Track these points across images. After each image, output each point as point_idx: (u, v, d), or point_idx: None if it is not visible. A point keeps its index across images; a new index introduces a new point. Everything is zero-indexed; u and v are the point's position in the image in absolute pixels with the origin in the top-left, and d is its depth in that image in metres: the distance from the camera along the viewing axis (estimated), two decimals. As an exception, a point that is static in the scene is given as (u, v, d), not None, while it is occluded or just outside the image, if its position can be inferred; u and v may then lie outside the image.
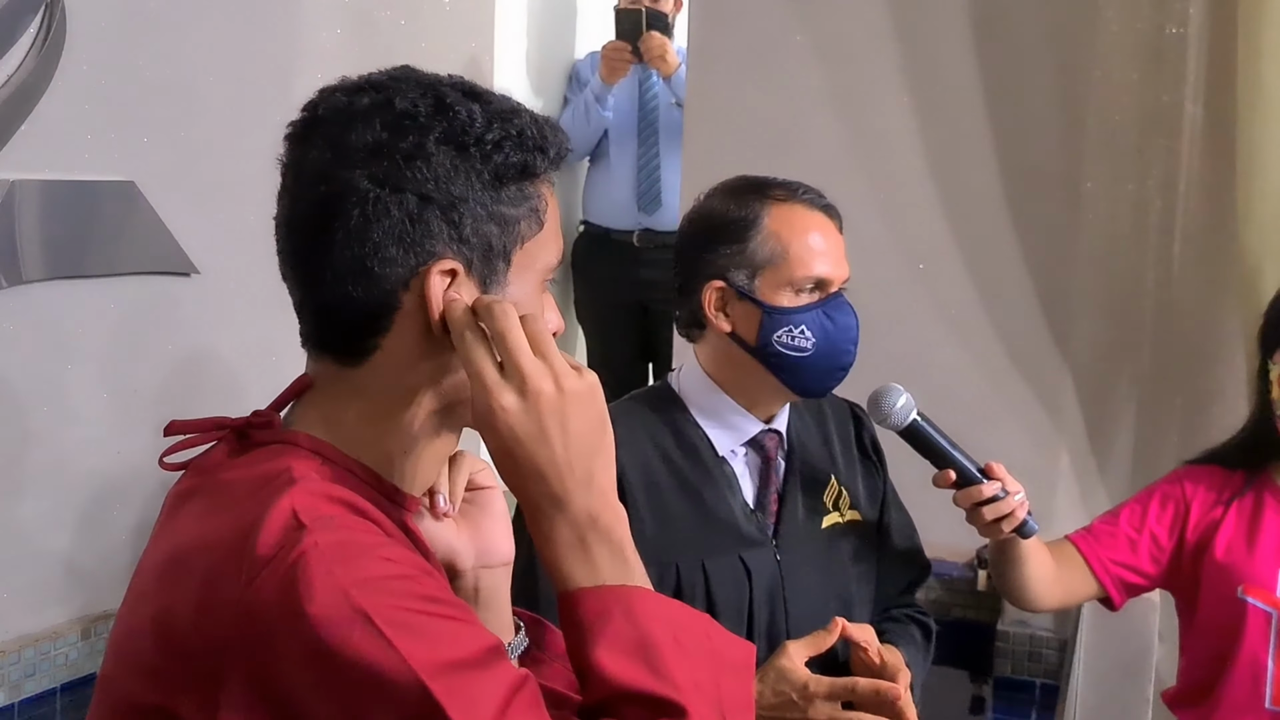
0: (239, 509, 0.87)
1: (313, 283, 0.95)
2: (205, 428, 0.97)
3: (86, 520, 2.35)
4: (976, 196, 2.61)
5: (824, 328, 1.49)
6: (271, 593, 0.80)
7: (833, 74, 2.72)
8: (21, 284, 2.17)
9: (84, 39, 2.25)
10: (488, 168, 0.92)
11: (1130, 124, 2.50)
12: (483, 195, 0.92)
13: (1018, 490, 1.59)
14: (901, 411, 1.55)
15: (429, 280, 0.91)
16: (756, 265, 1.50)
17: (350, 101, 0.94)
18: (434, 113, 0.92)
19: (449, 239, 0.91)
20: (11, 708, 2.19)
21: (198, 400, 2.54)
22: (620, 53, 3.67)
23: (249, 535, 0.84)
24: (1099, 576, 1.82)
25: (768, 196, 1.54)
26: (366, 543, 0.84)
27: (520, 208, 0.94)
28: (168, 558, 0.90)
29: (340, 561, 0.81)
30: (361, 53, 2.90)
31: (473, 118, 0.92)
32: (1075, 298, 2.56)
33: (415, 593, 0.82)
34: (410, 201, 0.90)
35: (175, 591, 0.86)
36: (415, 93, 0.93)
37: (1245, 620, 1.73)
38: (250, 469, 0.91)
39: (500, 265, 0.94)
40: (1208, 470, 1.87)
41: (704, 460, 1.55)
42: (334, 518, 0.85)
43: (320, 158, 0.93)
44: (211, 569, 0.84)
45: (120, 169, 2.35)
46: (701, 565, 1.50)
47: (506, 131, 0.93)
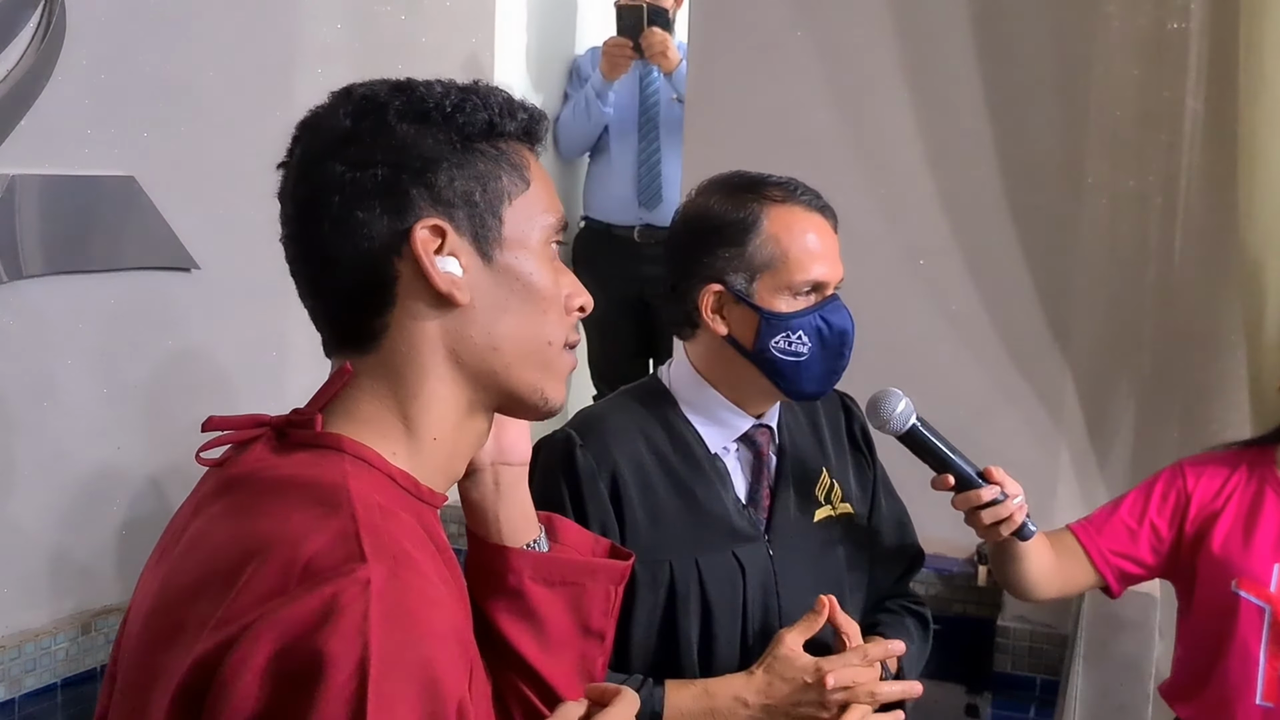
0: (296, 513, 0.86)
1: (316, 280, 0.96)
2: (244, 424, 0.96)
3: (86, 515, 2.36)
4: (977, 192, 2.61)
5: (820, 333, 1.48)
6: (307, 611, 0.78)
7: (833, 70, 2.72)
8: (21, 278, 2.18)
9: (84, 34, 2.25)
10: (452, 128, 0.94)
11: (1131, 119, 2.49)
12: (452, 155, 0.94)
13: (1017, 494, 1.58)
14: (901, 417, 1.54)
15: (414, 238, 0.91)
16: (755, 269, 1.48)
17: (323, 107, 0.97)
18: (392, 91, 0.95)
19: (428, 200, 0.92)
20: (12, 702, 2.20)
21: (196, 396, 2.54)
22: (621, 48, 3.66)
23: (303, 542, 0.83)
24: (1098, 566, 1.82)
25: (765, 197, 1.51)
26: (415, 613, 0.81)
27: (497, 164, 0.95)
28: (217, 551, 0.87)
29: (383, 620, 0.78)
30: (362, 48, 2.91)
31: (430, 89, 0.95)
32: (1076, 293, 2.56)
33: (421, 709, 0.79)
34: (382, 172, 0.92)
35: (218, 581, 0.84)
36: (378, 83, 0.96)
37: (1238, 614, 1.73)
38: (301, 470, 0.90)
39: (491, 221, 0.95)
40: (1211, 461, 1.87)
41: (696, 457, 1.54)
42: (394, 558, 0.83)
43: (300, 161, 0.96)
44: (262, 564, 0.82)
45: (120, 164, 2.35)
46: (695, 562, 1.49)
47: (465, 96, 0.95)
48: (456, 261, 0.93)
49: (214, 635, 0.80)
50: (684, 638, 1.49)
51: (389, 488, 0.92)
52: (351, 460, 0.91)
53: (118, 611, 2.38)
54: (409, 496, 0.93)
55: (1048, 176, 2.56)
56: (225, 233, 2.53)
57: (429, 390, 0.94)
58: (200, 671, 0.80)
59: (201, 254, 2.51)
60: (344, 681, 0.76)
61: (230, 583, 0.83)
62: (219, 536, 0.88)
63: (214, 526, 0.90)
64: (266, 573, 0.82)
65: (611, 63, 3.69)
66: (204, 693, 0.79)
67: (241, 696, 0.77)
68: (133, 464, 2.43)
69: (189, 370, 2.53)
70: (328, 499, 0.86)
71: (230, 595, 0.82)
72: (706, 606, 1.50)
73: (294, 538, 0.83)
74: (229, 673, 0.78)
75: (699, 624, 1.50)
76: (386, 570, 0.81)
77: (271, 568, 0.82)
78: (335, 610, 0.78)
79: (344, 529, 0.83)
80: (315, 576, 0.80)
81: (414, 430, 0.95)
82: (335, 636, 0.77)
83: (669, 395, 1.57)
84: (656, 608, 1.49)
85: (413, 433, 0.95)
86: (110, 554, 2.41)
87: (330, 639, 0.77)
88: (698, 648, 1.50)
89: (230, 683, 0.77)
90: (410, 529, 0.89)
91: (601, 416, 1.56)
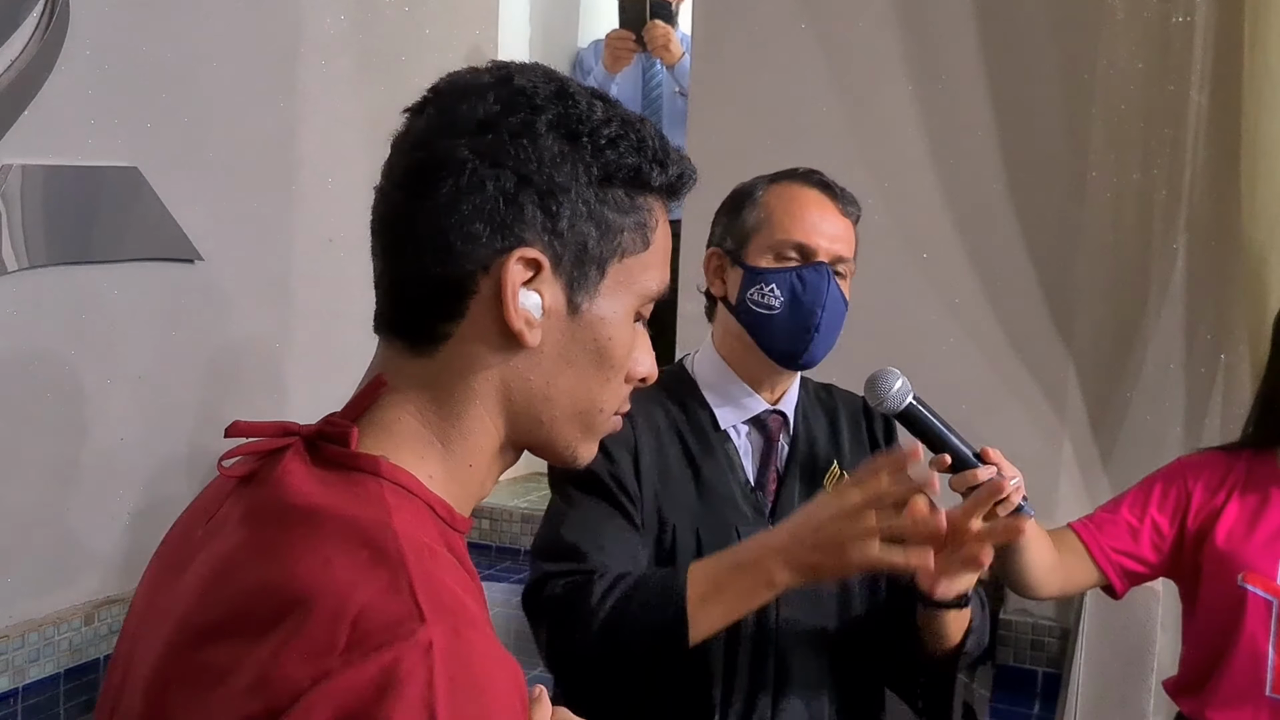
0: (338, 556, 0.78)
1: (393, 252, 0.88)
2: (270, 432, 0.88)
3: (90, 506, 2.36)
4: (980, 185, 2.61)
5: (793, 288, 1.53)
6: (365, 681, 0.71)
7: (837, 62, 2.72)
8: (25, 269, 2.18)
9: (87, 24, 2.24)
10: (597, 162, 0.86)
11: (1135, 114, 2.49)
12: (586, 190, 0.86)
13: (1014, 475, 1.58)
14: (898, 395, 1.55)
15: (508, 266, 0.84)
16: (746, 232, 1.58)
17: (473, 77, 0.89)
18: (553, 96, 0.87)
19: (541, 228, 0.85)
20: (15, 692, 2.20)
21: (199, 387, 2.54)
22: (624, 41, 3.66)
23: (351, 594, 0.75)
24: (1100, 564, 1.82)
25: (778, 178, 1.61)
26: (481, 677, 0.75)
27: (626, 217, 0.88)
28: (249, 592, 0.79)
29: (449, 688, 0.72)
30: (365, 40, 2.90)
31: (592, 109, 0.87)
32: (1079, 287, 2.56)
33: None
34: (507, 179, 0.84)
35: (252, 626, 0.77)
36: (540, 77, 0.88)
37: (1245, 608, 1.73)
38: (338, 500, 0.82)
39: (593, 272, 0.87)
40: (1210, 458, 1.87)
41: (707, 435, 1.58)
42: (454, 614, 0.76)
43: (427, 126, 0.87)
44: (306, 618, 0.75)
45: (124, 154, 2.35)
46: (696, 533, 1.52)
47: (625, 132, 0.88)
48: (540, 300, 0.86)
49: (257, 698, 0.73)
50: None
51: (427, 518, 0.85)
52: (390, 487, 0.84)
53: (121, 602, 2.39)
54: (444, 525, 0.87)
55: (1051, 170, 2.56)
56: (229, 224, 2.53)
57: (472, 416, 0.88)
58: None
59: (205, 245, 2.51)
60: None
61: (265, 632, 0.75)
62: (250, 575, 0.80)
63: (244, 560, 0.82)
64: (312, 628, 0.74)
65: (614, 55, 3.68)
66: None
67: None
68: (136, 455, 2.43)
69: (192, 361, 2.53)
70: (372, 541, 0.79)
71: (268, 648, 0.75)
72: None
73: (340, 587, 0.75)
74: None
75: None
76: (448, 630, 0.74)
77: (317, 622, 0.74)
78: (397, 680, 0.71)
79: (394, 580, 0.76)
80: (370, 638, 0.72)
81: (451, 454, 0.88)
82: (400, 710, 0.70)
83: (689, 377, 1.64)
84: (655, 560, 1.51)
85: (450, 456, 0.88)
86: (114, 545, 2.41)
87: (394, 712, 0.70)
88: None
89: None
90: (451, 567, 0.82)
91: None
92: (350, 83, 2.78)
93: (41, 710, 2.25)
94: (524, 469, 3.86)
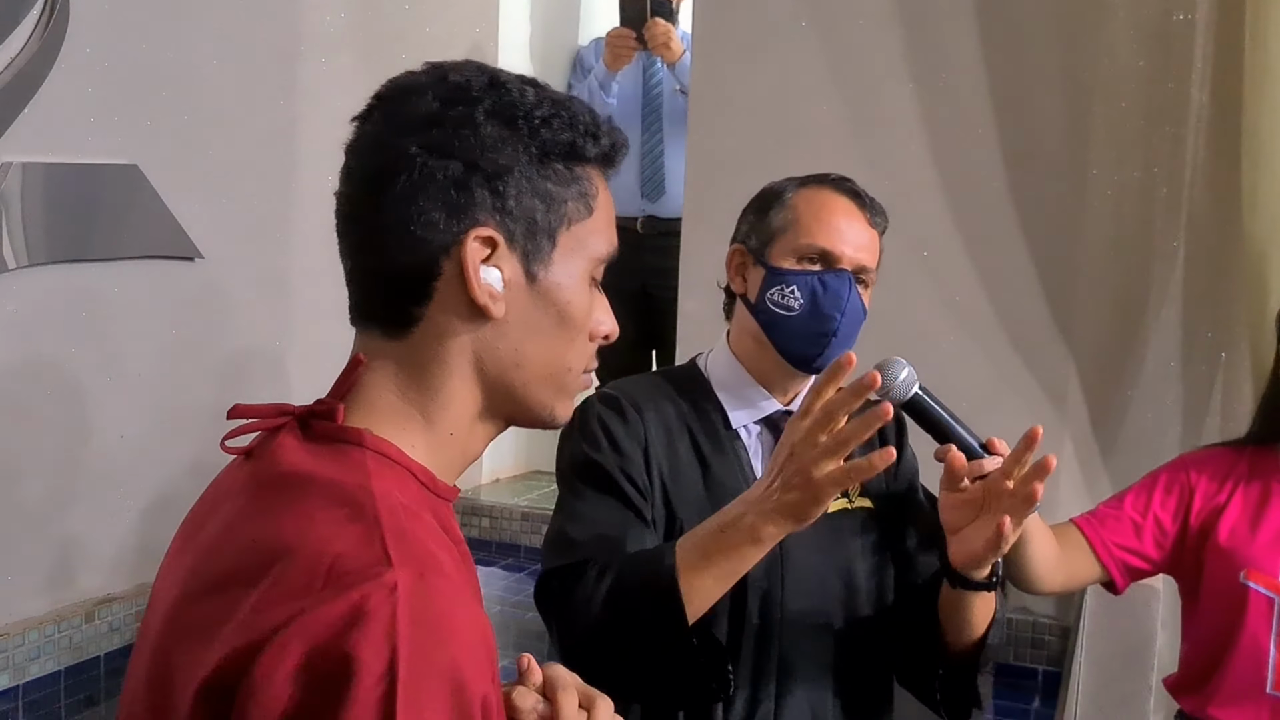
0: (320, 512, 0.87)
1: (360, 249, 0.97)
2: (268, 413, 0.97)
3: (90, 504, 2.36)
4: (981, 183, 2.61)
5: (814, 291, 1.52)
6: (335, 615, 0.79)
7: (837, 60, 2.72)
8: (25, 267, 2.18)
9: (87, 22, 2.24)
10: (534, 142, 0.94)
11: (1136, 111, 2.49)
12: (528, 168, 0.94)
13: None
14: (904, 385, 1.54)
15: (466, 246, 0.92)
16: (771, 233, 1.57)
17: (411, 80, 0.97)
18: (487, 87, 0.94)
19: (492, 208, 0.93)
20: (16, 689, 2.20)
21: (199, 384, 2.54)
22: (625, 39, 3.66)
23: (329, 545, 0.84)
24: (1102, 560, 1.82)
25: (808, 182, 1.60)
26: (442, 616, 0.83)
27: (567, 188, 0.96)
28: (242, 549, 0.88)
29: (410, 624, 0.80)
30: (365, 37, 2.90)
31: (524, 95, 0.95)
32: (1080, 285, 2.55)
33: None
34: (455, 168, 0.92)
35: (243, 578, 0.85)
36: (473, 71, 0.96)
37: (1247, 605, 1.73)
38: (325, 466, 0.91)
39: (545, 243, 0.95)
40: (1213, 454, 1.87)
41: (717, 432, 1.58)
42: (420, 562, 0.84)
43: (376, 130, 0.96)
44: (288, 566, 0.83)
45: (124, 152, 2.35)
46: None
47: (556, 111, 0.95)
48: (499, 274, 0.94)
49: (242, 635, 0.81)
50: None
51: (409, 483, 0.93)
52: (373, 455, 0.92)
53: (121, 600, 2.39)
54: (426, 491, 0.94)
55: (1052, 167, 2.56)
56: (228, 221, 2.53)
57: (450, 389, 0.96)
58: (228, 670, 0.81)
59: (205, 243, 2.51)
60: (373, 684, 0.78)
61: (254, 582, 0.84)
62: (244, 534, 0.89)
63: (239, 522, 0.91)
64: (292, 574, 0.83)
65: (615, 54, 3.68)
66: (232, 690, 0.80)
67: (273, 697, 0.79)
68: (136, 452, 2.43)
69: (192, 359, 2.53)
70: (351, 500, 0.87)
71: (254, 594, 0.83)
72: None
73: (319, 540, 0.84)
74: (259, 674, 0.79)
75: None
76: (413, 575, 0.82)
77: (297, 569, 0.83)
78: (364, 614, 0.79)
79: (368, 532, 0.84)
80: (342, 580, 0.81)
81: (432, 425, 0.96)
82: (364, 641, 0.78)
83: (702, 376, 1.63)
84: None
85: (431, 427, 0.96)
86: (114, 543, 2.41)
87: (360, 643, 0.78)
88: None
89: (261, 684, 0.79)
90: (430, 527, 0.90)
91: (635, 382, 1.64)
92: (350, 80, 2.78)
93: (42, 707, 2.25)
94: (524, 467, 3.86)
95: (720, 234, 1.72)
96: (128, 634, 2.39)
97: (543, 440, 3.91)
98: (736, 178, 1.71)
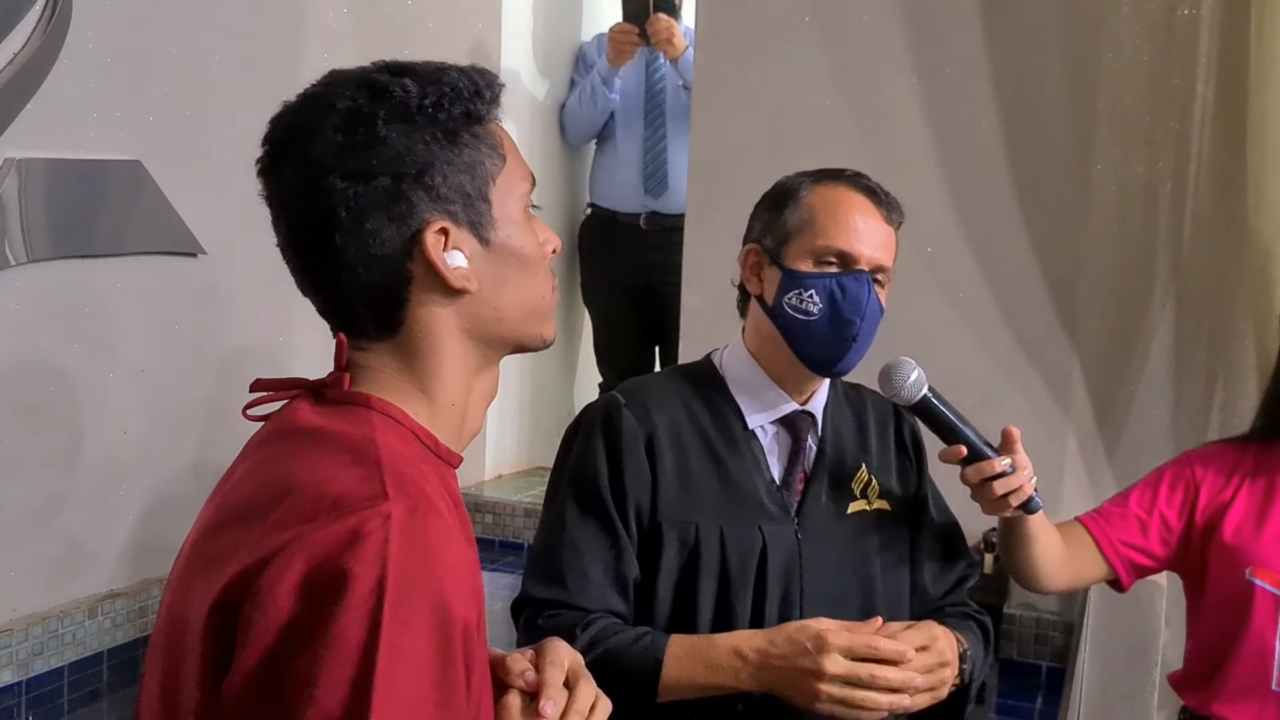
0: (326, 457, 0.95)
1: (330, 285, 1.02)
2: (284, 385, 1.06)
3: (94, 499, 2.36)
4: (985, 179, 2.60)
5: (833, 295, 1.51)
6: (335, 536, 0.88)
7: (841, 56, 2.71)
8: (28, 263, 2.17)
9: (89, 17, 2.24)
10: (438, 128, 1.00)
11: (1141, 106, 2.48)
12: (443, 153, 1.00)
13: (1025, 465, 1.58)
14: (913, 386, 1.54)
15: (425, 244, 0.99)
16: (787, 232, 1.55)
17: (299, 120, 1.02)
18: (373, 100, 1.00)
19: (430, 202, 0.99)
20: (20, 685, 2.20)
21: (202, 380, 2.54)
22: (627, 35, 3.65)
23: (333, 482, 0.92)
24: (1108, 557, 1.82)
25: (822, 177, 1.59)
26: (430, 544, 0.91)
27: (479, 150, 1.02)
28: (256, 490, 0.97)
29: (401, 547, 0.88)
30: (368, 33, 2.90)
31: (407, 91, 1.00)
32: (1084, 281, 2.55)
33: (429, 667, 0.88)
34: (384, 183, 0.98)
35: (254, 514, 0.94)
36: (350, 89, 1.01)
37: (1253, 602, 1.73)
38: (334, 421, 0.99)
39: (483, 207, 1.02)
40: (1218, 451, 1.86)
41: (733, 432, 1.57)
42: (414, 498, 0.92)
43: (295, 179, 1.01)
44: (295, 499, 0.92)
45: (126, 148, 2.35)
46: (720, 530, 1.52)
47: (441, 91, 1.01)
48: (461, 254, 1.01)
49: (250, 555, 0.90)
50: (700, 603, 1.51)
51: (412, 442, 1.01)
52: (379, 416, 1.00)
53: (125, 596, 2.39)
54: (429, 453, 1.02)
55: (1057, 164, 2.55)
56: (231, 217, 2.53)
57: (447, 365, 1.03)
58: (237, 586, 0.90)
59: (207, 239, 2.51)
60: (364, 596, 0.86)
61: (265, 515, 0.93)
62: (259, 478, 0.99)
63: (255, 469, 1.01)
64: (297, 504, 0.92)
65: (617, 49, 3.67)
66: (238, 605, 0.89)
67: (276, 607, 0.87)
68: (139, 448, 2.43)
69: (195, 355, 2.53)
70: (356, 448, 0.96)
71: (264, 524, 0.92)
72: (725, 575, 1.52)
73: (323, 478, 0.93)
74: (264, 586, 0.88)
75: (715, 591, 1.52)
76: (407, 508, 0.91)
77: (302, 500, 0.92)
78: (360, 536, 0.88)
79: (369, 473, 0.93)
80: (342, 508, 0.90)
81: (433, 398, 1.04)
82: (359, 558, 0.87)
83: (717, 374, 1.62)
84: (677, 568, 1.51)
85: (432, 400, 1.04)
86: (117, 538, 2.41)
87: (354, 560, 0.87)
88: (713, 616, 1.51)
89: (265, 594, 0.87)
90: (429, 479, 0.98)
91: (647, 384, 1.63)
92: (353, 76, 2.77)
93: (45, 703, 2.25)
94: (526, 463, 3.86)
95: (723, 230, 1.71)
96: (131, 630, 2.39)
97: (546, 436, 3.90)
98: (740, 173, 1.71)
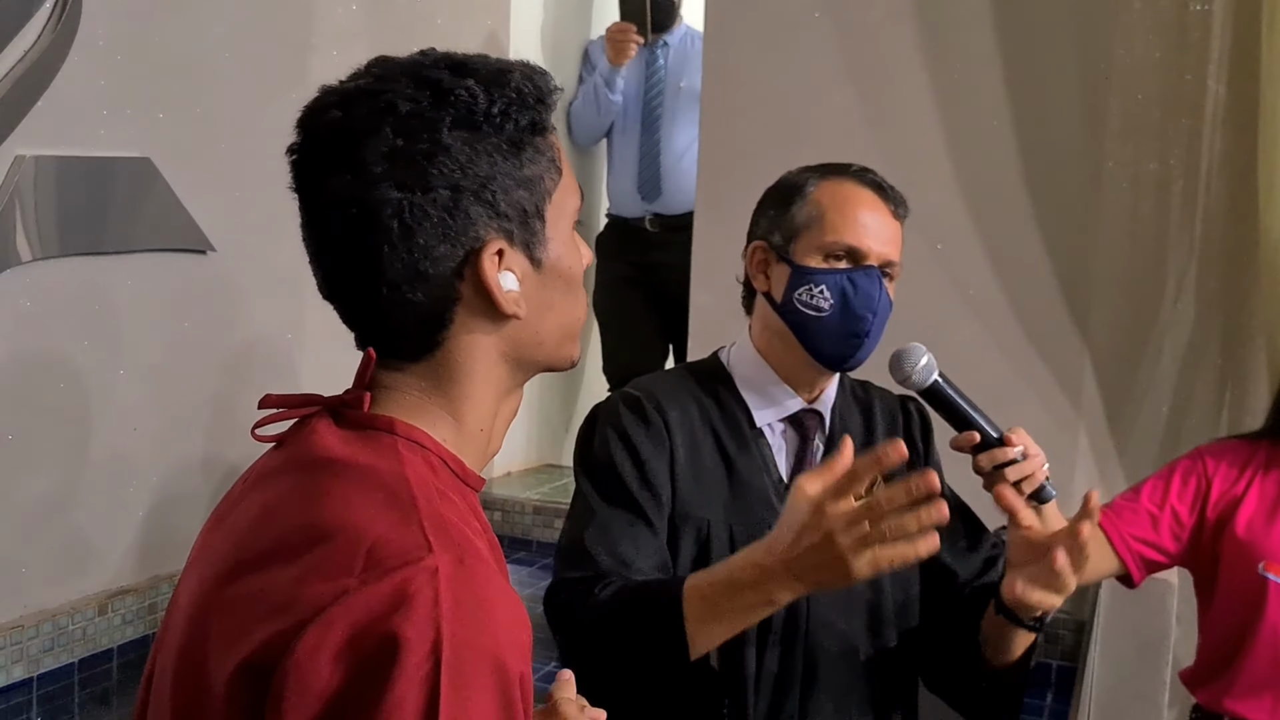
0: (358, 497, 0.88)
1: (365, 299, 0.93)
2: (297, 403, 0.97)
3: (104, 497, 2.36)
4: (996, 176, 2.59)
5: (844, 291, 1.50)
6: (379, 597, 0.81)
7: (851, 53, 2.70)
8: (37, 260, 2.18)
9: (99, 15, 2.24)
10: (503, 138, 0.92)
11: (1153, 103, 2.48)
12: (506, 166, 0.92)
13: (1038, 454, 1.57)
14: (923, 371, 1.53)
15: (482, 266, 0.91)
16: (795, 229, 1.53)
17: (351, 117, 0.92)
18: (436, 104, 0.90)
19: (489, 219, 0.91)
20: (30, 681, 2.21)
21: (212, 377, 2.54)
22: (626, 33, 3.63)
23: (368, 528, 0.85)
24: (1120, 553, 1.81)
25: (827, 171, 1.57)
26: (482, 598, 0.84)
27: (540, 163, 0.94)
28: (284, 530, 0.89)
29: (453, 605, 0.81)
30: (377, 30, 2.90)
31: (473, 95, 0.91)
32: (1095, 278, 2.54)
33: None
34: (443, 196, 0.90)
35: (282, 557, 0.87)
36: (410, 88, 0.91)
37: (1266, 596, 1.72)
38: (360, 452, 0.91)
39: (537, 225, 0.94)
40: (1230, 446, 1.86)
41: (742, 431, 1.56)
42: (460, 547, 0.85)
43: (341, 182, 0.91)
44: (329, 548, 0.84)
45: (136, 145, 2.35)
46: (729, 528, 1.51)
47: (508, 97, 0.92)
48: (514, 276, 0.93)
49: (283, 617, 0.82)
50: None
51: (440, 469, 0.93)
52: (404, 442, 0.93)
53: (134, 593, 2.39)
54: (456, 479, 0.95)
55: (1068, 160, 2.55)
56: (241, 215, 2.53)
57: (479, 391, 0.96)
58: (269, 650, 0.82)
59: (217, 236, 2.51)
60: (419, 662, 0.79)
61: (294, 561, 0.85)
62: (283, 515, 0.90)
63: (278, 504, 0.92)
64: (332, 555, 0.84)
65: (617, 48, 3.66)
66: (269, 671, 0.81)
67: (316, 677, 0.80)
68: (148, 445, 2.43)
69: (204, 352, 2.53)
70: (387, 485, 0.88)
71: (294, 573, 0.84)
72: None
73: (357, 523, 0.85)
74: (302, 654, 0.80)
75: None
76: (453, 559, 0.84)
77: (337, 550, 0.84)
78: (407, 597, 0.80)
79: (405, 517, 0.86)
80: (383, 563, 0.82)
81: (463, 423, 0.96)
82: (409, 622, 0.80)
83: (725, 372, 1.61)
84: (689, 566, 1.50)
85: (461, 425, 0.96)
86: (127, 536, 2.42)
87: (404, 623, 0.79)
88: None
89: (303, 664, 0.80)
90: (462, 512, 0.91)
91: (657, 380, 1.62)
92: (362, 73, 2.78)
93: (55, 699, 2.25)
94: (536, 460, 3.86)
95: (733, 227, 1.70)
96: (141, 626, 2.39)
97: (554, 434, 3.90)
98: (749, 170, 1.70)
